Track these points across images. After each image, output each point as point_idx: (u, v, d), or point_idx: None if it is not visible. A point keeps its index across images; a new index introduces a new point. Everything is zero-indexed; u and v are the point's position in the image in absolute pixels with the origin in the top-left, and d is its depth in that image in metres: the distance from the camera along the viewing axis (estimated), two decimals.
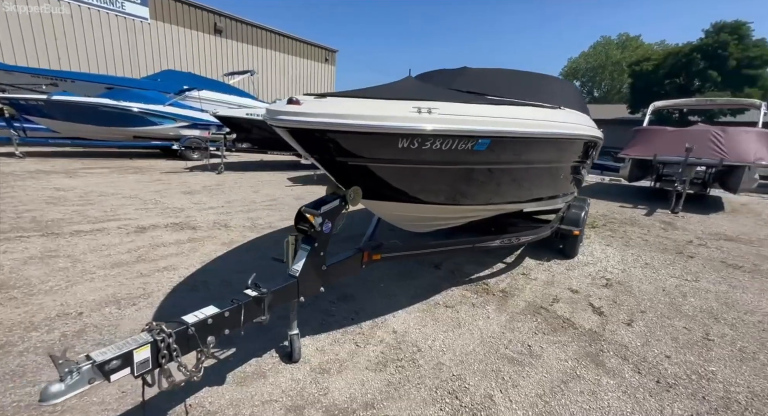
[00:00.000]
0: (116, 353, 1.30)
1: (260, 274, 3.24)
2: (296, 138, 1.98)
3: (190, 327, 1.53)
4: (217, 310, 1.68)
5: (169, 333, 1.44)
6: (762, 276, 4.12)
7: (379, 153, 2.08)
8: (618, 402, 1.97)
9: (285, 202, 6.48)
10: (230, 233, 4.47)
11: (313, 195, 7.19)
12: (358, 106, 1.90)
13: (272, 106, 1.93)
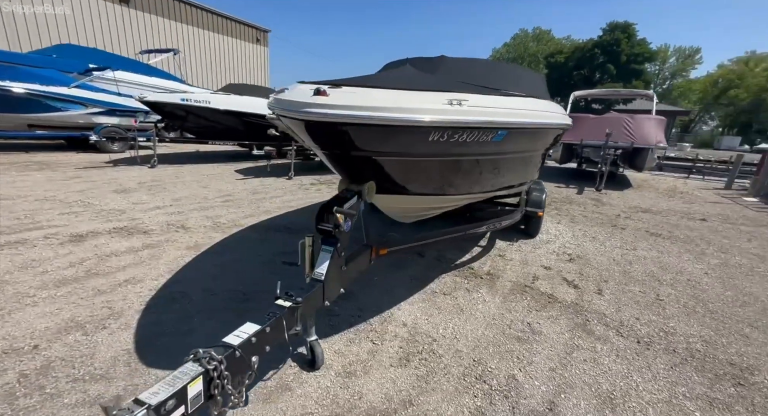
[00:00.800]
0: (170, 391, 1.10)
1: (250, 279, 3.01)
2: (312, 131, 1.83)
3: (237, 350, 1.36)
4: (258, 327, 1.52)
5: (220, 359, 1.27)
6: (677, 241, 4.95)
7: (407, 146, 2.01)
8: (615, 365, 2.24)
9: (242, 197, 6.00)
10: (192, 235, 4.02)
11: (271, 188, 6.80)
12: (390, 98, 1.80)
13: (292, 97, 1.75)
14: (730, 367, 2.29)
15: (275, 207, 5.45)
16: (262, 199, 5.93)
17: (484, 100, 2.22)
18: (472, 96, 2.09)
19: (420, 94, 1.96)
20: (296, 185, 7.30)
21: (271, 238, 4.07)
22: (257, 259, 3.48)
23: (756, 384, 2.15)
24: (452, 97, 1.93)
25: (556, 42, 52.70)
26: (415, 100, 1.87)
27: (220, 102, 8.89)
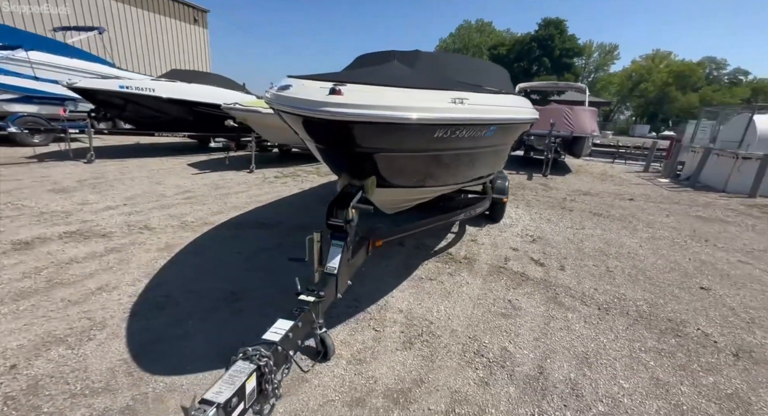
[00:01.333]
0: (232, 389, 1.13)
1: (235, 278, 2.94)
2: (323, 129, 1.85)
3: (279, 345, 1.40)
4: (291, 322, 1.56)
5: (269, 355, 1.30)
6: (615, 219, 5.65)
7: (413, 143, 2.10)
8: (585, 330, 2.59)
9: (204, 192, 5.68)
10: (159, 236, 3.77)
11: (233, 183, 6.49)
12: (401, 97, 1.86)
13: (304, 95, 1.75)
14: (669, 323, 2.77)
15: (243, 202, 5.25)
16: (227, 194, 5.66)
17: (479, 98, 2.38)
18: (470, 94, 2.23)
19: (425, 92, 2.06)
20: (260, 178, 7.04)
21: (247, 235, 3.96)
22: (238, 257, 3.39)
23: (689, 335, 2.63)
24: (455, 95, 2.06)
25: (498, 34, 55.17)
26: (423, 98, 1.96)
27: (167, 90, 8.18)
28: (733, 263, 4.15)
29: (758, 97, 45.96)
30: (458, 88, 2.20)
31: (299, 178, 7.41)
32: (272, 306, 2.61)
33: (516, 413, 1.83)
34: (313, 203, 5.50)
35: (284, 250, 3.62)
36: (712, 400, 2.00)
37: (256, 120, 7.14)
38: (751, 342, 2.59)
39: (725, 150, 9.62)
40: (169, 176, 6.68)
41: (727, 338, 2.62)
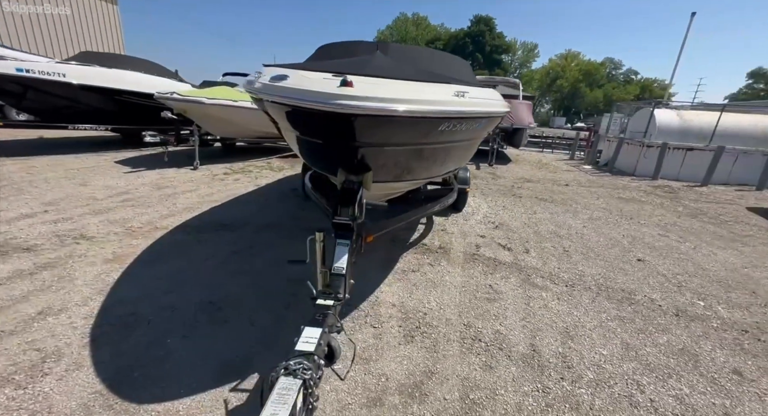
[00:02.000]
0: (287, 408, 1.04)
1: (211, 287, 2.69)
2: (327, 122, 1.74)
3: (315, 355, 1.30)
4: (319, 329, 1.46)
5: (312, 367, 1.21)
6: (558, 204, 6.24)
7: (417, 136, 2.06)
8: (560, 306, 2.84)
9: (144, 193, 5.04)
10: (102, 246, 3.28)
11: (178, 181, 5.85)
12: (408, 90, 1.80)
13: (310, 87, 1.61)
14: (623, 293, 3.15)
15: (194, 203, 4.78)
16: (174, 194, 5.10)
17: (474, 91, 2.41)
18: (467, 88, 2.25)
19: (428, 85, 2.03)
20: (207, 176, 6.46)
21: (211, 239, 3.62)
22: (208, 264, 3.09)
23: (640, 301, 3.02)
24: (456, 89, 2.06)
25: (433, 28, 56.79)
26: (429, 91, 1.93)
27: (80, 75, 7.03)
28: (655, 236, 4.84)
29: (645, 93, 53.77)
30: (453, 81, 2.22)
31: (251, 173, 6.94)
32: (260, 313, 2.44)
33: (523, 390, 1.95)
34: (275, 201, 5.20)
35: (258, 252, 3.38)
36: (671, 356, 2.33)
37: (198, 111, 6.50)
38: (684, 302, 3.06)
39: (633, 139, 11.10)
40: (95, 176, 5.81)
41: (667, 301, 3.06)
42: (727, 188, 9.35)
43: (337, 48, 3.56)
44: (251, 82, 2.10)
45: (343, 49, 3.49)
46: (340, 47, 3.54)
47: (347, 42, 3.66)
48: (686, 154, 10.12)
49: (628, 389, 2.00)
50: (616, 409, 1.85)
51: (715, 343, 2.50)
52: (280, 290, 2.77)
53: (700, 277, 3.59)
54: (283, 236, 3.83)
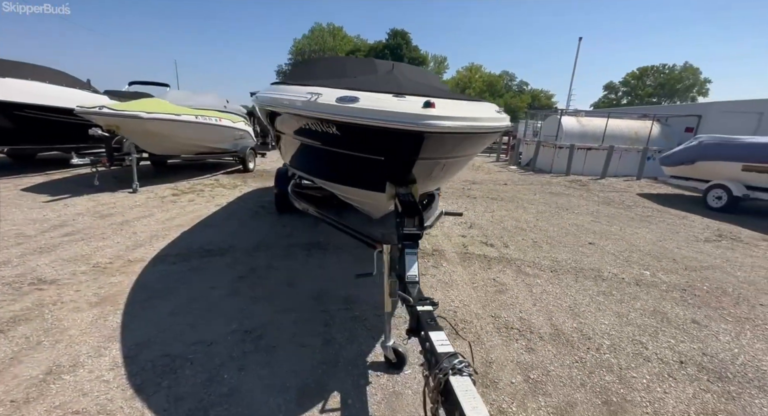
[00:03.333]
0: (480, 401, 1.13)
1: (241, 318, 2.56)
2: (386, 139, 1.84)
3: (459, 354, 1.40)
4: (442, 332, 1.56)
5: (470, 363, 1.31)
6: (508, 201, 7.02)
7: (462, 150, 2.24)
8: (555, 289, 3.30)
9: (87, 224, 4.35)
10: (76, 289, 2.80)
11: (122, 207, 5.16)
12: (471, 109, 1.97)
13: (393, 108, 1.71)
14: (593, 271, 3.76)
15: (158, 230, 4.29)
16: (126, 222, 4.49)
17: (495, 107, 2.67)
18: (492, 105, 2.50)
19: (473, 104, 2.23)
20: (154, 199, 5.77)
21: (203, 267, 3.33)
22: (217, 293, 2.87)
23: (607, 277, 3.64)
24: (495, 107, 2.31)
25: (350, 39, 57.91)
26: (481, 110, 2.12)
27: None
28: (590, 222, 5.79)
29: (535, 101, 62.35)
30: (476, 99, 2.48)
31: (204, 193, 6.40)
32: (303, 335, 2.38)
33: (566, 364, 2.27)
34: (248, 219, 4.92)
35: (263, 275, 3.23)
36: (650, 317, 2.90)
37: (136, 127, 5.79)
38: (636, 274, 3.78)
39: (547, 142, 12.91)
40: (7, 209, 4.79)
41: (626, 274, 3.74)
42: (618, 179, 11.44)
43: (334, 63, 3.64)
44: (295, 101, 2.09)
45: (344, 64, 3.59)
46: (338, 63, 3.63)
47: (344, 58, 3.78)
48: (587, 153, 12.12)
49: (636, 348, 2.47)
50: (638, 365, 2.28)
51: (670, 302, 3.17)
52: (310, 309, 2.72)
53: (636, 252, 4.44)
54: (278, 256, 3.69)
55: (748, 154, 7.12)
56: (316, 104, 1.93)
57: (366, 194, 2.63)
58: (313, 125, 2.08)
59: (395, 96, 1.92)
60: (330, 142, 2.18)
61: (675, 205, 7.76)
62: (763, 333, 2.72)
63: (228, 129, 8.04)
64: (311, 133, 2.18)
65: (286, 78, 4.22)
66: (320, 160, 2.70)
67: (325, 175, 3.02)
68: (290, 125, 2.46)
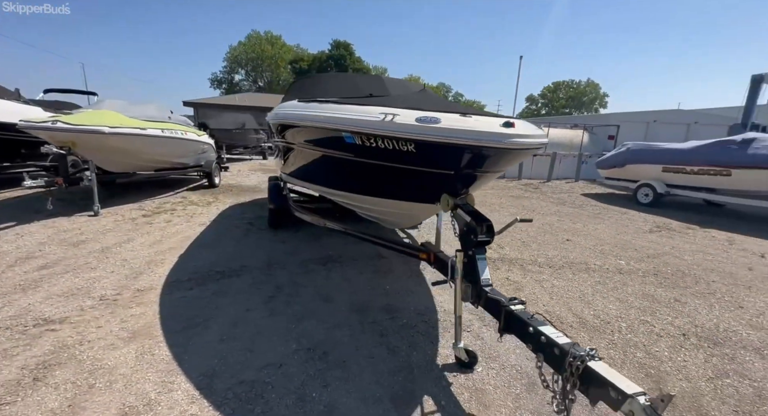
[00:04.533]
0: (629, 380, 1.32)
1: (304, 335, 2.53)
2: (453, 154, 2.02)
3: (577, 343, 1.58)
4: (550, 325, 1.73)
5: (596, 350, 1.50)
6: (479, 205, 7.55)
7: (510, 163, 2.47)
8: (561, 282, 3.70)
9: (60, 254, 3.84)
10: (99, 325, 2.51)
11: (90, 232, 4.64)
12: (526, 127, 2.20)
13: (478, 127, 1.88)
14: (582, 265, 4.27)
15: (149, 254, 3.94)
16: (107, 249, 4.04)
17: None
18: None
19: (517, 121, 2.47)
20: (123, 221, 5.22)
21: (224, 290, 3.17)
22: (254, 315, 2.77)
23: (595, 268, 4.15)
24: (537, 124, 2.59)
25: (289, 48, 57.09)
26: (527, 128, 2.35)
27: None
28: (558, 222, 6.49)
29: None
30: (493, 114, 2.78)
31: (176, 213, 5.93)
32: (368, 346, 2.43)
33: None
34: (242, 237, 4.71)
35: (294, 293, 3.17)
36: (644, 299, 3.40)
37: (95, 143, 5.22)
38: (615, 263, 4.37)
39: None
40: None
41: (608, 265, 4.31)
42: (561, 181, 12.82)
43: (345, 81, 3.74)
44: (367, 121, 2.17)
45: (354, 81, 3.69)
46: (349, 79, 3.72)
47: (351, 75, 3.88)
48: (533, 159, 13.40)
49: (647, 327, 2.90)
50: (655, 341, 2.70)
51: (651, 285, 3.74)
52: (358, 322, 2.75)
53: (605, 245, 5.11)
54: (297, 273, 3.63)
55: (665, 157, 8.51)
56: (398, 124, 2.05)
57: (412, 206, 2.77)
58: (373, 142, 2.20)
59: (461, 115, 2.10)
60: (389, 158, 2.30)
61: (614, 202, 8.96)
62: (725, 304, 3.36)
63: (194, 142, 7.56)
64: (364, 149, 2.29)
65: (293, 94, 4.21)
66: (356, 175, 2.79)
67: (356, 188, 3.09)
68: (322, 141, 2.57)
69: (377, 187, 2.83)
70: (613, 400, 1.30)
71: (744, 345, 2.67)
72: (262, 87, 56.95)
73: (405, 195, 2.70)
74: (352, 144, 2.39)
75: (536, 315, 1.85)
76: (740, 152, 7.22)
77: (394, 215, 3.22)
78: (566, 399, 1.50)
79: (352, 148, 2.46)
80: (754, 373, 2.33)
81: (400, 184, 2.59)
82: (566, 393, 1.50)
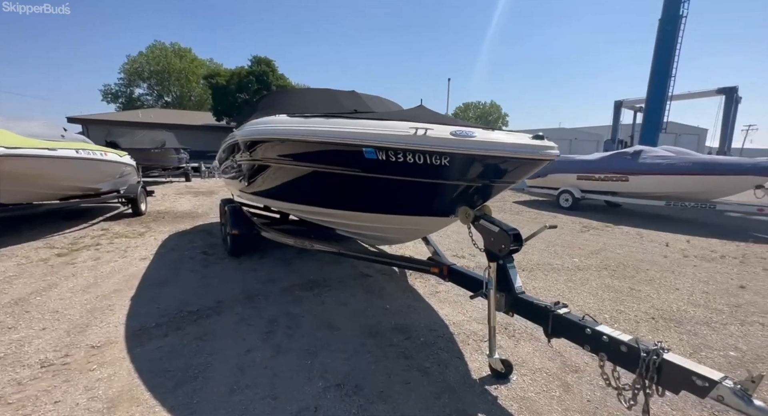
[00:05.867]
0: (698, 365, 1.43)
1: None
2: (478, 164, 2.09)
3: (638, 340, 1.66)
4: (601, 324, 1.81)
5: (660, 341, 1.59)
6: None
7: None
8: (537, 283, 3.99)
9: None
10: (58, 400, 1.92)
11: None
12: None
13: (515, 141, 1.95)
14: (547, 265, 4.67)
15: (91, 301, 3.21)
16: (23, 300, 3.18)
17: None
18: None
19: None
20: (31, 264, 4.17)
21: (210, 331, 2.71)
22: (255, 356, 2.42)
23: (560, 268, 4.59)
24: None
25: (201, 62, 53.44)
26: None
27: None
28: None
29: None
30: None
31: (104, 247, 4.96)
32: (397, 372, 2.29)
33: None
34: (200, 268, 4.13)
35: (294, 326, 2.86)
36: (607, 291, 3.84)
37: None
38: (570, 262, 4.88)
39: None
40: None
41: (567, 264, 4.78)
42: None
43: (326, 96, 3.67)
44: (398, 136, 2.11)
45: (335, 96, 3.64)
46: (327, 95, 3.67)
47: (326, 90, 3.78)
48: None
49: (624, 315, 3.26)
50: (636, 326, 3.04)
51: (608, 278, 4.24)
52: (377, 347, 2.59)
53: (554, 246, 5.69)
54: (285, 302, 3.30)
55: (579, 167, 9.93)
56: (433, 139, 2.03)
57: (423, 221, 2.74)
58: (401, 157, 2.16)
59: (484, 129, 2.18)
60: (410, 172, 2.26)
61: (543, 208, 10.09)
62: (665, 288, 3.96)
63: (114, 164, 6.47)
64: (382, 164, 2.24)
65: (265, 110, 3.92)
66: (364, 191, 2.70)
67: (358, 205, 2.96)
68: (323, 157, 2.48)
69: (389, 202, 2.73)
70: (698, 388, 1.39)
71: (696, 321, 3.16)
72: (169, 102, 52.02)
73: (419, 209, 2.66)
74: (372, 159, 2.30)
75: (586, 317, 1.94)
76: (633, 162, 8.77)
77: (399, 231, 3.14)
78: (645, 394, 1.57)
79: (368, 164, 2.37)
80: (715, 343, 2.78)
81: (416, 198, 2.55)
82: (645, 387, 1.56)
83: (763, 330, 3.01)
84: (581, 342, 1.86)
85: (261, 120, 3.40)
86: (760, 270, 4.63)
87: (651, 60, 20.50)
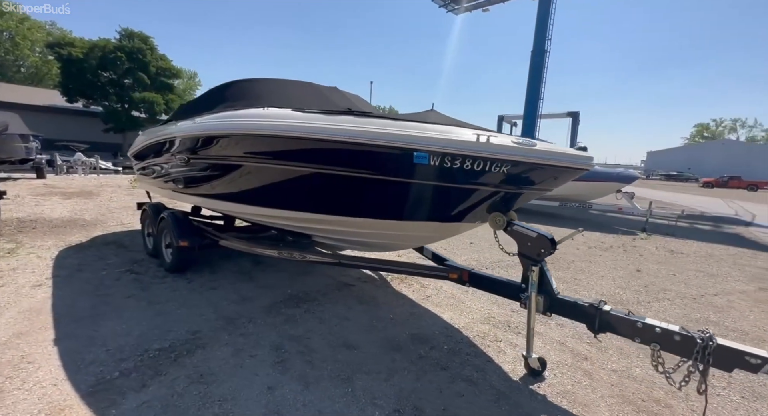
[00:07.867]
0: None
1: None
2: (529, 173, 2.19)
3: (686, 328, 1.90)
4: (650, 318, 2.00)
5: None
6: None
7: None
8: None
9: None
10: None
11: None
12: None
13: (578, 152, 2.05)
14: (499, 262, 5.13)
15: (22, 331, 2.19)
16: None
17: None
18: None
19: None
20: None
21: (209, 371, 2.14)
22: (294, 387, 2.02)
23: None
24: None
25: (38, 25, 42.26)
26: None
27: None
28: None
29: None
30: None
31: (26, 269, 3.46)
32: (443, 386, 2.21)
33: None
34: (143, 292, 3.24)
35: (302, 350, 2.48)
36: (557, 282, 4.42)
37: None
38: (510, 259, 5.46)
39: None
40: None
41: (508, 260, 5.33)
42: None
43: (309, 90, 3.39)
44: (458, 141, 2.01)
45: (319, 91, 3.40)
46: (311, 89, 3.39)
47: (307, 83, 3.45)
48: None
49: None
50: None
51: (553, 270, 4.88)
52: (408, 362, 2.45)
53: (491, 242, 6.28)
54: (278, 323, 2.86)
55: None
56: (497, 146, 2.01)
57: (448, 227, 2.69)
58: (457, 163, 2.10)
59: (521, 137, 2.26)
60: (452, 178, 2.22)
61: None
62: (594, 276, 4.76)
63: None
64: (430, 170, 2.15)
65: (231, 101, 3.29)
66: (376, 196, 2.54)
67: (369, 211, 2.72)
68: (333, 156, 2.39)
69: (415, 208, 2.59)
70: (752, 366, 1.65)
71: (632, 301, 3.88)
72: None
73: (447, 216, 2.60)
74: (423, 164, 2.15)
75: (631, 313, 2.15)
76: None
77: (409, 238, 3.01)
78: (704, 376, 1.79)
79: (412, 168, 2.21)
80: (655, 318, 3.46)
81: (451, 204, 2.49)
82: (705, 371, 1.79)
83: (672, 304, 3.87)
84: (631, 336, 2.03)
85: (241, 113, 2.87)
86: (637, 256, 5.96)
87: (526, 84, 24.58)
